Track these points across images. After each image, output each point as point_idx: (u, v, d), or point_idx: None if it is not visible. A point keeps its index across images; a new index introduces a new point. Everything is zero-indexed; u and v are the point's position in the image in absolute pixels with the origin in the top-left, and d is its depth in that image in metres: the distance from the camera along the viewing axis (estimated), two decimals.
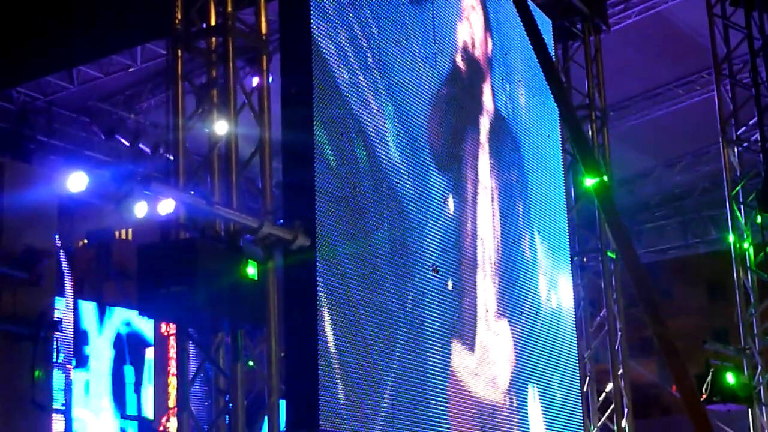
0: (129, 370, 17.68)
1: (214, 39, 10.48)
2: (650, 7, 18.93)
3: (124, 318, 17.69)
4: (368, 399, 11.24)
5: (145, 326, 17.51)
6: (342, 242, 11.12)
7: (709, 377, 14.97)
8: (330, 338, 10.64)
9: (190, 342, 10.21)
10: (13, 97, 18.07)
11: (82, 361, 16.51)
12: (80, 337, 16.26)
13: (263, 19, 10.75)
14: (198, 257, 9.44)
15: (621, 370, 15.78)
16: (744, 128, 16.02)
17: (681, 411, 15.50)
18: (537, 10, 15.38)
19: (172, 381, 15.92)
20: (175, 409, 11.19)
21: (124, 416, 17.53)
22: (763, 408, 15.44)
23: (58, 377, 13.29)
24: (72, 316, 14.77)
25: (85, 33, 15.35)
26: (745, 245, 15.58)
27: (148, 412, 17.65)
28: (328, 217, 10.88)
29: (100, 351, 17.23)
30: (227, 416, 9.97)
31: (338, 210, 11.13)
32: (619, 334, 15.82)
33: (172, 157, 10.50)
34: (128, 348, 17.72)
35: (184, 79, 10.55)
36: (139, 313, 10.67)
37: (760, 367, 15.45)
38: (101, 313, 17.34)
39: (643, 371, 16.27)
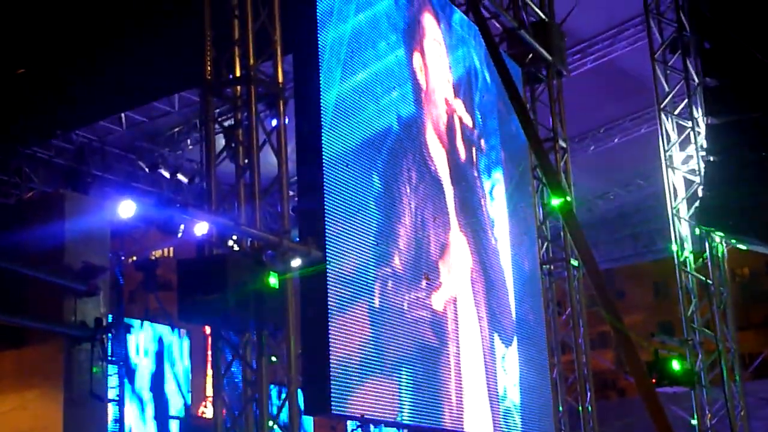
0: (165, 372, 17.65)
1: (239, 87, 10.48)
2: (603, 55, 19.00)
3: (160, 332, 17.74)
4: (372, 386, 11.22)
5: (176, 340, 17.72)
6: (348, 255, 11.12)
7: (659, 364, 14.97)
8: (339, 336, 10.63)
9: (223, 341, 10.21)
10: (72, 139, 18.11)
11: (129, 361, 16.54)
12: (127, 342, 16.29)
13: (280, 70, 10.74)
14: (228, 270, 9.45)
15: (584, 359, 15.78)
16: (683, 156, 16.03)
17: (635, 393, 15.49)
18: (509, 59, 15.43)
19: (209, 374, 15.88)
20: (211, 397, 11.15)
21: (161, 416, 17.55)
22: (704, 390, 15.41)
23: (111, 373, 13.32)
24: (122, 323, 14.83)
25: (132, 85, 15.42)
26: (686, 253, 15.57)
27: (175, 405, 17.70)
28: (335, 234, 10.89)
29: (143, 354, 17.23)
30: (254, 403, 9.96)
31: (344, 228, 11.13)
32: (582, 329, 15.84)
33: (206, 187, 10.51)
34: (165, 354, 17.73)
35: (214, 121, 10.58)
36: (179, 318, 10.71)
37: (700, 355, 15.44)
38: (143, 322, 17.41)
39: (602, 360, 16.23)
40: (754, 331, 28.57)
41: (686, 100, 15.81)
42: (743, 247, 15.98)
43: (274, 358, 10.20)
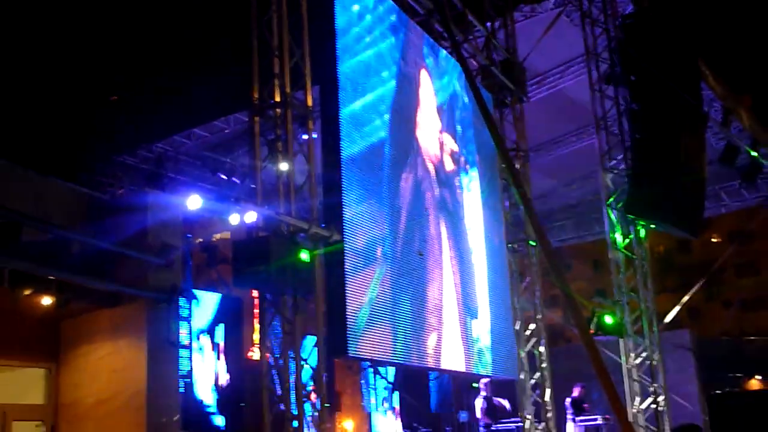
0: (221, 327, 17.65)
1: (278, 110, 10.46)
2: (554, 85, 18.97)
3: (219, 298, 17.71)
4: (378, 335, 11.22)
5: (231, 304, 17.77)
6: (360, 236, 11.12)
7: (596, 318, 14.92)
8: (353, 297, 10.63)
9: (267, 302, 10.22)
10: (153, 149, 18.15)
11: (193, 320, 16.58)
12: (193, 306, 16.32)
13: (309, 97, 10.74)
14: (270, 248, 9.46)
15: (539, 315, 15.76)
16: (614, 161, 15.95)
17: (578, 341, 15.43)
18: (483, 88, 15.37)
19: (256, 326, 15.88)
20: (258, 344, 11.15)
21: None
22: (630, 338, 15.39)
23: (182, 327, 13.35)
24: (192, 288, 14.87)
25: (198, 108, 15.48)
26: (616, 235, 15.52)
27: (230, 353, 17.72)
28: (351, 221, 10.88)
29: (205, 312, 17.22)
30: (291, 350, 9.98)
31: (357, 216, 11.13)
32: (538, 293, 15.81)
33: (253, 186, 10.50)
34: (223, 312, 17.71)
35: (259, 135, 10.58)
36: (234, 285, 10.71)
37: (627, 312, 15.40)
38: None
39: (553, 316, 16.22)
40: (667, 294, 28.50)
41: (617, 120, 15.73)
42: (660, 230, 15.92)
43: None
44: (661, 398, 15.08)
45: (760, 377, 37.23)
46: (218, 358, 17.37)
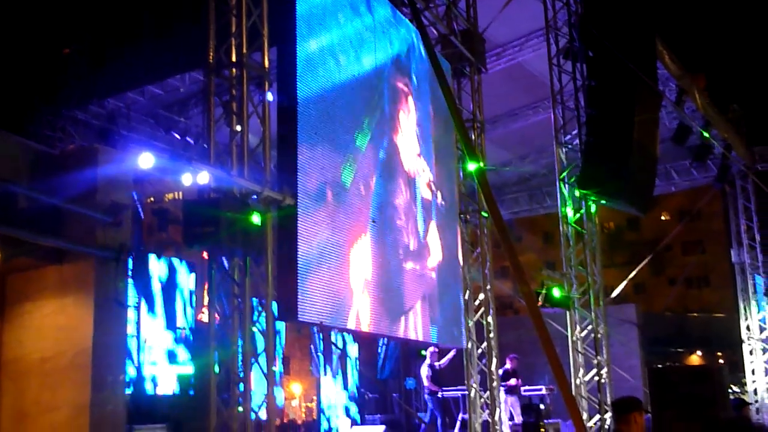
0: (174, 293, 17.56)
1: (234, 70, 10.32)
2: (513, 58, 18.96)
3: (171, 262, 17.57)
4: (328, 300, 11.23)
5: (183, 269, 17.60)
6: (313, 201, 11.08)
7: (544, 291, 15.08)
8: (304, 261, 10.61)
9: (217, 264, 10.13)
10: (105, 105, 17.80)
11: (147, 283, 16.43)
12: (146, 269, 16.19)
13: (266, 57, 10.62)
14: (221, 210, 9.39)
15: (488, 286, 15.89)
16: (569, 136, 16.06)
17: (525, 312, 15.60)
18: (442, 58, 15.33)
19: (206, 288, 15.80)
20: (207, 306, 11.08)
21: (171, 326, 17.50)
22: (576, 311, 15.60)
23: (130, 286, 13.20)
24: (141, 247, 14.67)
25: (153, 65, 15.20)
26: (567, 210, 15.68)
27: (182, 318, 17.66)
28: (305, 185, 10.84)
29: (155, 272, 17.09)
30: (239, 312, 9.94)
31: (312, 181, 11.08)
32: (488, 263, 15.93)
33: (206, 146, 10.37)
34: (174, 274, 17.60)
35: (214, 96, 10.44)
36: (184, 244, 10.60)
37: (574, 286, 15.61)
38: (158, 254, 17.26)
39: (502, 287, 16.40)
40: (615, 269, 29.05)
41: (573, 95, 15.79)
42: (610, 207, 16.10)
43: None
44: (604, 371, 15.36)
45: (700, 353, 38.23)
46: (170, 326, 17.28)
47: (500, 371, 16.88)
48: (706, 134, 20.18)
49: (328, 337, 20.72)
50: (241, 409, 9.78)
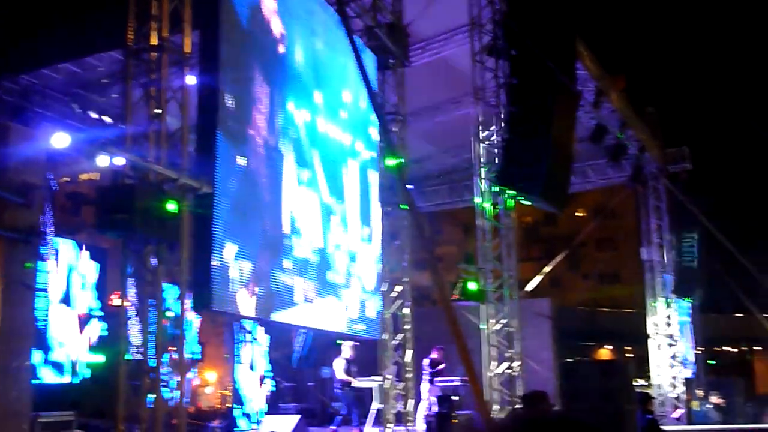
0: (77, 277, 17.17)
1: (154, 53, 10.12)
2: (437, 52, 19.08)
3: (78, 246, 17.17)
4: (245, 290, 11.15)
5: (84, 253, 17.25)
6: (233, 189, 10.98)
7: (460, 284, 15.28)
8: (220, 251, 10.51)
9: (129, 251, 9.96)
10: (19, 82, 17.23)
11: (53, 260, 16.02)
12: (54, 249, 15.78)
13: (187, 41, 10.45)
14: (136, 196, 9.21)
15: (407, 278, 16.01)
16: (488, 132, 16.26)
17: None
18: (368, 50, 15.33)
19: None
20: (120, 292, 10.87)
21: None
22: (491, 304, 15.81)
23: (40, 269, 12.82)
24: (51, 230, 14.29)
25: (70, 42, 14.81)
26: (485, 204, 15.89)
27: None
28: (222, 173, 10.72)
29: (67, 257, 16.70)
30: (151, 300, 9.79)
31: (229, 169, 10.97)
32: (406, 255, 16.03)
33: (123, 129, 10.15)
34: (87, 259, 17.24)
35: (133, 78, 10.24)
36: (97, 231, 10.38)
37: (490, 279, 15.83)
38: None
39: (420, 278, 16.53)
40: (530, 263, 29.60)
41: (495, 92, 16.00)
42: (527, 203, 16.38)
43: None
44: (516, 364, 15.66)
45: (610, 347, 39.34)
46: (79, 312, 16.90)
47: (426, 361, 17.05)
48: (620, 135, 20.74)
49: (243, 325, 20.54)
50: (151, 397, 9.64)
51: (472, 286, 15.16)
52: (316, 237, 13.30)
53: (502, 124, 15.44)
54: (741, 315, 33.09)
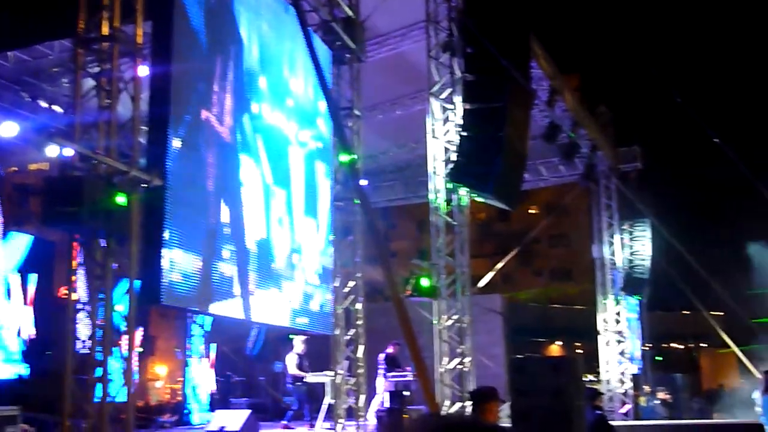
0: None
1: (105, 43, 9.96)
2: (394, 48, 19.09)
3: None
4: (196, 284, 11.04)
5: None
6: (184, 182, 10.86)
7: (413, 280, 15.30)
8: (170, 245, 10.40)
9: (78, 243, 9.79)
10: None
11: None
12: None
13: (139, 32, 10.29)
14: (84, 189, 9.06)
15: (359, 273, 16.00)
16: (442, 129, 16.25)
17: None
18: (323, 44, 15.26)
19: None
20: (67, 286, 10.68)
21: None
22: (443, 300, 15.83)
23: None
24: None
25: (20, 29, 14.52)
26: (439, 200, 15.92)
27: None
28: (174, 166, 10.60)
29: (14, 253, 16.39)
30: (100, 294, 9.65)
31: (181, 162, 10.85)
32: (359, 251, 16.02)
33: (73, 120, 9.97)
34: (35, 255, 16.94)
35: (83, 68, 10.07)
36: (43, 224, 10.19)
37: (443, 276, 15.86)
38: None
39: (373, 273, 16.49)
40: (483, 260, 29.76)
41: (450, 89, 16.04)
42: (481, 200, 16.46)
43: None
44: (467, 359, 15.74)
45: (561, 343, 39.80)
46: (26, 305, 16.58)
47: (381, 356, 17.07)
48: (572, 134, 20.96)
49: (194, 319, 20.38)
50: (98, 392, 9.51)
51: (424, 282, 15.18)
52: (258, 227, 13.19)
53: (457, 121, 15.48)
54: (688, 312, 33.73)
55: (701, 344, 38.96)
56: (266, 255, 13.40)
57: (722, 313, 25.88)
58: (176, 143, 10.75)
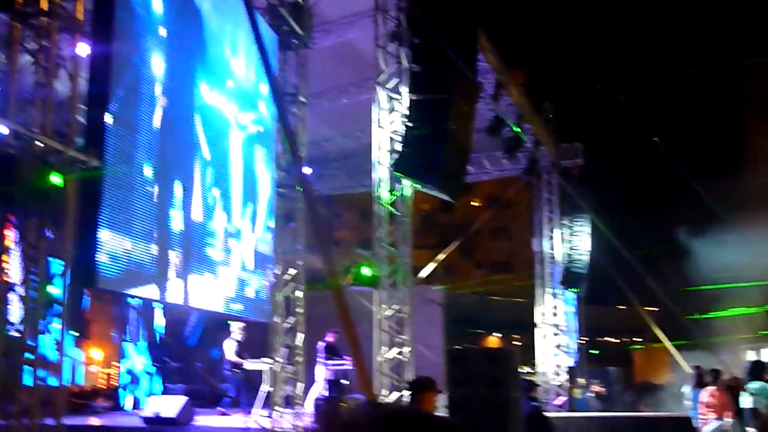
0: None
1: (44, 18, 9.69)
2: (342, 35, 18.97)
3: None
4: (131, 268, 10.86)
5: None
6: (123, 163, 10.68)
7: (354, 269, 15.29)
8: (107, 227, 10.20)
9: (10, 223, 9.53)
10: None
11: None
12: None
13: (80, 8, 10.06)
14: (18, 168, 8.84)
15: (300, 261, 15.92)
16: (388, 119, 16.21)
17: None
18: (271, 28, 15.10)
19: None
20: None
21: None
22: (384, 290, 15.81)
23: None
24: None
25: None
26: (383, 190, 15.89)
27: None
28: (114, 146, 10.40)
29: None
30: (32, 275, 9.42)
31: (119, 142, 10.65)
32: (301, 238, 15.94)
33: (7, 97, 9.68)
34: None
35: (20, 43, 9.77)
36: None
37: (384, 266, 15.85)
38: None
39: (314, 261, 16.40)
40: (426, 250, 29.82)
41: (397, 79, 16.00)
42: (425, 191, 16.47)
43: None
44: (406, 349, 15.78)
45: (499, 334, 40.26)
46: None
47: (321, 344, 17.01)
48: (516, 129, 21.14)
49: (131, 304, 20.06)
50: (28, 376, 9.29)
51: (366, 271, 15.18)
52: (196, 210, 13.03)
53: (403, 112, 15.46)
54: (623, 307, 34.40)
55: (635, 338, 39.80)
56: (202, 239, 13.24)
57: (656, 309, 26.42)
58: (114, 122, 10.53)
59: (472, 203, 45.50)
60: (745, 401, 14.71)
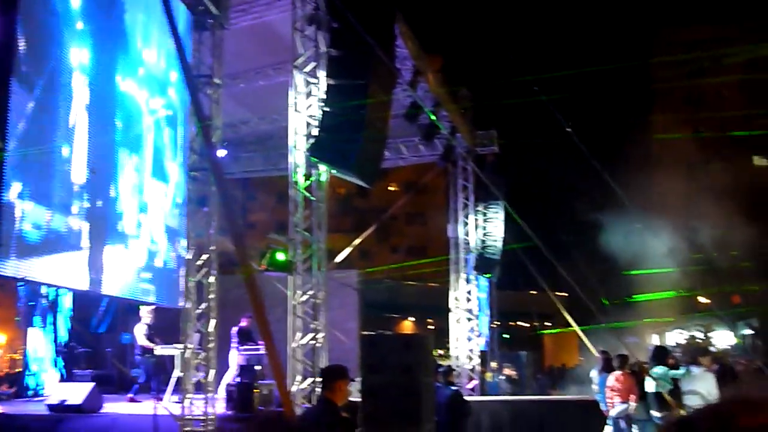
0: None
1: None
2: (260, 17, 18.70)
3: None
4: (38, 254, 10.51)
5: None
6: (24, 146, 10.28)
7: (268, 254, 15.14)
8: (11, 212, 9.83)
9: None
10: None
11: None
12: None
13: None
14: None
15: (213, 246, 15.66)
16: (305, 102, 16.07)
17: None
18: (185, 6, 14.75)
19: None
20: None
21: None
22: (299, 275, 15.73)
23: None
24: None
25: None
26: (299, 175, 15.75)
27: None
28: (16, 128, 10.00)
29: None
30: None
31: (25, 124, 10.26)
32: (214, 222, 15.66)
33: None
34: None
35: None
36: None
37: (299, 251, 15.73)
38: None
39: (227, 245, 16.16)
40: (341, 235, 29.85)
41: (314, 63, 15.86)
42: (341, 176, 16.41)
43: None
44: (320, 335, 15.73)
45: (413, 319, 40.63)
46: None
47: (234, 329, 16.80)
48: (432, 116, 21.25)
49: (37, 290, 19.45)
50: None
51: (280, 256, 15.04)
52: (110, 189, 12.73)
53: (320, 96, 15.34)
54: (534, 292, 35.11)
55: (545, 323, 40.73)
56: (114, 214, 12.96)
57: (566, 294, 27.05)
58: (18, 95, 10.13)
59: (389, 188, 45.69)
60: (649, 386, 15.19)
